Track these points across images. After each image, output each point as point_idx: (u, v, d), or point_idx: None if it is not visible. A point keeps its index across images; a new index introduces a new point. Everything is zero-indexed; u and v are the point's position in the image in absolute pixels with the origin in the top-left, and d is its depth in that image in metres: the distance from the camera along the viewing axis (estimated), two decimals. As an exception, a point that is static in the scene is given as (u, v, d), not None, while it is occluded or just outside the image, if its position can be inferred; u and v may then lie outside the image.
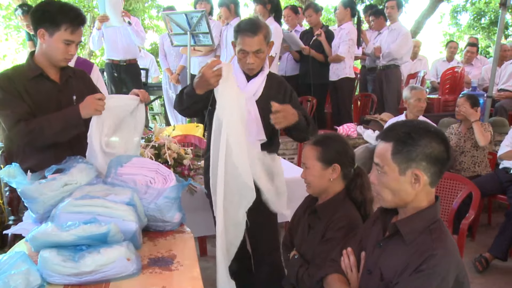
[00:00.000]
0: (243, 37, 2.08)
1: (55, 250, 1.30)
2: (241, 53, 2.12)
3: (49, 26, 1.93)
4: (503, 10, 4.43)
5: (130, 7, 11.39)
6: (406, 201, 1.36)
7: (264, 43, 2.12)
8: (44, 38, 1.96)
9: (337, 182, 1.83)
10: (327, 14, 14.42)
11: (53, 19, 1.92)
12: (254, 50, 2.08)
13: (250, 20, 2.17)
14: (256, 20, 2.15)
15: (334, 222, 1.75)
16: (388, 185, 1.36)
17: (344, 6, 5.20)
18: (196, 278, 1.35)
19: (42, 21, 1.94)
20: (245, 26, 2.10)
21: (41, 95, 1.99)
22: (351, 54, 5.19)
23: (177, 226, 1.76)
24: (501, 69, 5.77)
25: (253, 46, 2.08)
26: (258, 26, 2.10)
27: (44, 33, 1.95)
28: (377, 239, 1.46)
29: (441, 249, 1.27)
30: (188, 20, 4.43)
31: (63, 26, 1.93)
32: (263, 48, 2.12)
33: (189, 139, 3.63)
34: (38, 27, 1.95)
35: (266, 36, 2.12)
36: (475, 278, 3.05)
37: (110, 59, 5.03)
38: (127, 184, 1.70)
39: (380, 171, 1.37)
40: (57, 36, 1.94)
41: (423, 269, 1.26)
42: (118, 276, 1.31)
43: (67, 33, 1.94)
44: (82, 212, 1.43)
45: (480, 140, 3.64)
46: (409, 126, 1.36)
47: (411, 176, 1.32)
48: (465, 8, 16.01)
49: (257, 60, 2.12)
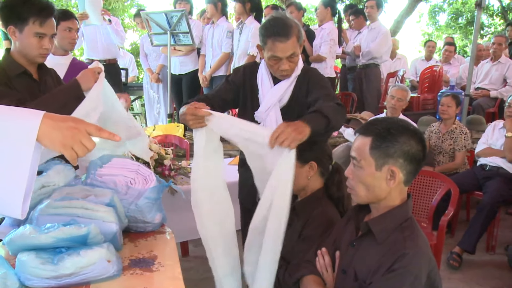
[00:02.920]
0: (274, 42, 1.83)
1: (33, 253, 1.28)
2: (273, 60, 1.88)
3: (18, 22, 1.90)
4: (479, 10, 4.51)
5: (110, 6, 11.26)
6: (379, 197, 1.37)
7: (298, 45, 1.88)
8: (16, 35, 1.93)
9: (315, 180, 1.84)
10: (307, 13, 14.48)
11: (20, 14, 1.89)
12: (288, 55, 1.85)
13: (279, 20, 1.86)
14: (286, 20, 1.86)
15: (312, 220, 1.76)
16: (363, 179, 1.36)
17: (325, 6, 5.24)
18: (177, 279, 1.34)
19: (10, 18, 1.91)
20: (276, 28, 1.83)
21: (24, 93, 1.96)
22: (332, 54, 5.23)
23: (158, 226, 1.75)
24: (478, 68, 5.88)
25: (286, 51, 1.84)
26: (289, 27, 1.84)
27: (14, 30, 1.92)
28: (350, 238, 1.47)
29: (412, 248, 1.28)
30: (168, 19, 4.41)
31: (30, 19, 1.89)
32: (297, 51, 1.88)
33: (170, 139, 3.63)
34: (8, 24, 1.92)
35: (299, 36, 1.87)
36: (453, 273, 3.10)
37: (90, 58, 4.95)
38: (107, 185, 1.69)
39: (357, 165, 1.37)
40: (26, 30, 1.90)
41: (395, 269, 1.26)
42: (99, 278, 1.30)
43: (36, 26, 1.90)
44: (61, 214, 1.41)
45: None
46: (389, 122, 1.37)
47: (387, 172, 1.32)
48: (443, 9, 16.29)
49: (292, 64, 1.90)
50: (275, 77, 1.99)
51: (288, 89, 1.97)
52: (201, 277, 2.99)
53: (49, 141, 1.04)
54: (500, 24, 15.65)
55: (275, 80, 1.99)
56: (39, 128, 1.02)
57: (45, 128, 1.03)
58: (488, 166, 3.66)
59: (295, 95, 1.99)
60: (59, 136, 1.05)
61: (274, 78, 1.99)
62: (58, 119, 1.07)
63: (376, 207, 1.40)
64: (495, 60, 5.74)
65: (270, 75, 2.00)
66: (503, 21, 15.20)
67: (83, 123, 1.10)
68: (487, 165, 3.67)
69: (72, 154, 1.08)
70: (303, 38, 1.93)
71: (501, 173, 3.56)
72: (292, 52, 1.85)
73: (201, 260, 3.25)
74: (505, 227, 3.80)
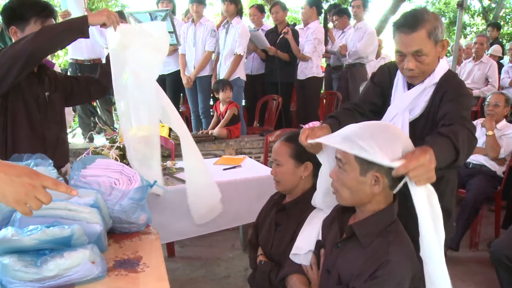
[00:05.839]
0: (399, 34, 1.64)
1: (16, 255, 1.26)
2: (398, 56, 1.69)
3: (19, 23, 1.95)
4: (461, 11, 4.57)
5: (93, 6, 11.15)
6: (363, 201, 1.35)
7: (428, 42, 1.61)
8: (17, 36, 1.96)
9: (307, 180, 1.82)
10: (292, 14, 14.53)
11: (21, 14, 1.94)
12: (412, 51, 1.63)
13: (412, 11, 1.66)
14: (418, 12, 1.64)
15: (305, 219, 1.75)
16: (347, 183, 1.34)
17: (310, 5, 5.26)
18: (162, 279, 1.34)
19: (12, 19, 1.96)
20: (403, 18, 1.64)
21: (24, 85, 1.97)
22: (318, 53, 5.25)
23: (143, 227, 1.74)
24: (460, 68, 5.97)
25: (410, 45, 1.62)
26: (419, 19, 1.60)
27: (16, 30, 1.96)
28: (335, 239, 1.46)
29: (396, 254, 1.27)
30: (152, 19, 4.37)
31: (32, 19, 1.95)
32: (425, 49, 1.62)
33: (155, 139, 3.58)
34: (9, 25, 1.96)
35: (431, 32, 1.60)
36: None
37: (74, 58, 4.90)
38: (91, 186, 1.67)
39: (341, 167, 1.35)
40: (28, 31, 1.94)
41: (378, 276, 1.25)
42: (83, 279, 1.29)
43: (37, 25, 1.95)
44: (44, 216, 1.39)
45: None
46: None
47: (372, 177, 1.29)
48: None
49: (420, 65, 1.65)
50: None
51: (421, 98, 1.71)
52: (187, 278, 2.99)
53: (1, 196, 1.02)
54: (482, 24, 15.90)
55: (411, 86, 1.75)
56: None
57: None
58: (471, 164, 3.71)
59: (429, 108, 1.71)
60: (12, 193, 1.02)
61: (409, 84, 1.76)
62: (12, 173, 1.03)
63: (361, 209, 1.39)
64: (477, 59, 5.83)
65: (404, 79, 1.78)
66: (484, 21, 15.44)
67: (39, 178, 1.06)
68: (470, 162, 3.72)
69: (25, 210, 1.05)
70: (440, 37, 1.64)
71: (484, 171, 3.62)
72: (418, 48, 1.61)
73: (188, 260, 3.26)
74: (488, 224, 3.85)
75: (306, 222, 1.65)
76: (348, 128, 1.33)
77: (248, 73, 5.40)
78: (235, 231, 3.62)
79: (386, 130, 1.31)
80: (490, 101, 3.79)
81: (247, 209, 2.64)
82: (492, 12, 15.62)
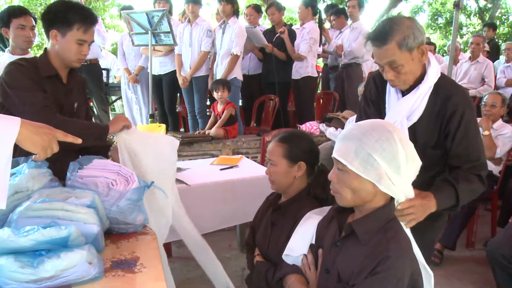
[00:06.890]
0: (373, 47, 1.66)
1: (12, 256, 1.26)
2: (379, 66, 1.70)
3: (61, 27, 1.92)
4: (457, 11, 4.58)
5: (90, 5, 11.14)
6: (365, 200, 1.35)
7: (402, 52, 1.60)
8: (57, 39, 1.94)
9: (301, 180, 1.84)
10: (289, 13, 14.54)
11: (65, 19, 1.91)
12: (386, 62, 1.64)
13: (381, 23, 1.66)
14: (387, 24, 1.63)
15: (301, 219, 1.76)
16: (349, 184, 1.33)
17: (305, 6, 5.27)
18: (159, 280, 1.34)
19: (54, 22, 1.93)
20: (373, 33, 1.66)
21: (52, 95, 1.96)
22: (313, 53, 5.26)
23: (140, 228, 1.73)
24: (457, 67, 5.98)
25: (382, 58, 1.64)
26: (387, 31, 1.60)
27: (57, 34, 1.93)
28: (333, 238, 1.46)
29: (395, 250, 1.28)
30: (149, 19, 4.38)
31: (75, 25, 1.92)
32: (399, 60, 1.62)
33: (152, 139, 3.58)
34: (50, 28, 1.94)
35: (402, 43, 1.59)
36: (435, 270, 3.10)
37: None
38: (88, 186, 1.67)
39: (341, 169, 1.35)
40: (69, 36, 1.92)
41: (378, 272, 1.26)
42: (80, 280, 1.28)
43: (80, 32, 1.93)
44: (41, 216, 1.39)
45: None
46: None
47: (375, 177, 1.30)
48: (422, 9, 16.54)
49: (399, 75, 1.66)
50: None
51: (418, 104, 1.69)
52: (184, 278, 2.99)
53: (31, 144, 1.23)
54: (478, 24, 15.96)
55: (404, 93, 1.74)
56: (20, 132, 1.17)
57: (27, 133, 1.20)
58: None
59: (427, 110, 1.71)
60: (39, 141, 1.24)
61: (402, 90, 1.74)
62: (37, 126, 1.25)
63: (360, 208, 1.39)
64: (474, 59, 5.84)
65: None
66: (480, 21, 15.50)
67: (53, 130, 1.31)
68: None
69: (46, 155, 1.29)
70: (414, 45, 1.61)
71: (480, 170, 3.62)
72: (390, 59, 1.62)
73: (184, 261, 3.26)
74: (484, 223, 3.86)
75: (301, 223, 1.65)
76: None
77: (245, 73, 5.41)
78: (232, 231, 3.62)
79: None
80: (487, 101, 3.80)
81: (244, 209, 2.65)
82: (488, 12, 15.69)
